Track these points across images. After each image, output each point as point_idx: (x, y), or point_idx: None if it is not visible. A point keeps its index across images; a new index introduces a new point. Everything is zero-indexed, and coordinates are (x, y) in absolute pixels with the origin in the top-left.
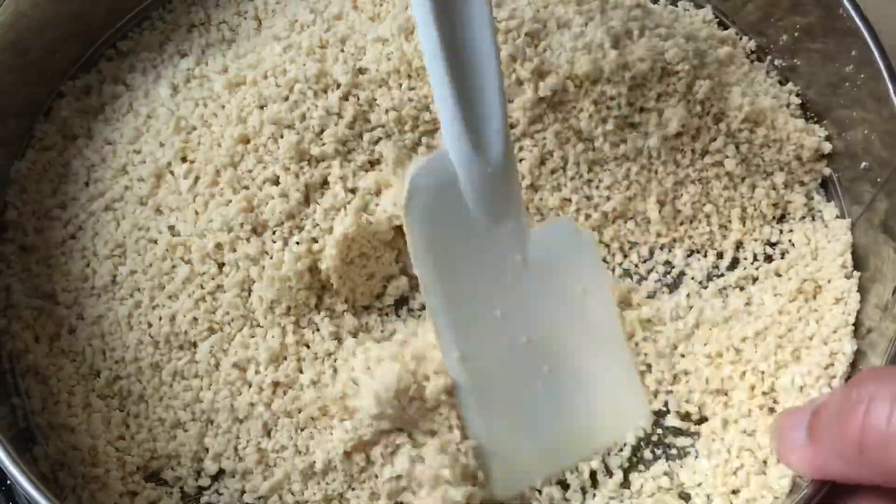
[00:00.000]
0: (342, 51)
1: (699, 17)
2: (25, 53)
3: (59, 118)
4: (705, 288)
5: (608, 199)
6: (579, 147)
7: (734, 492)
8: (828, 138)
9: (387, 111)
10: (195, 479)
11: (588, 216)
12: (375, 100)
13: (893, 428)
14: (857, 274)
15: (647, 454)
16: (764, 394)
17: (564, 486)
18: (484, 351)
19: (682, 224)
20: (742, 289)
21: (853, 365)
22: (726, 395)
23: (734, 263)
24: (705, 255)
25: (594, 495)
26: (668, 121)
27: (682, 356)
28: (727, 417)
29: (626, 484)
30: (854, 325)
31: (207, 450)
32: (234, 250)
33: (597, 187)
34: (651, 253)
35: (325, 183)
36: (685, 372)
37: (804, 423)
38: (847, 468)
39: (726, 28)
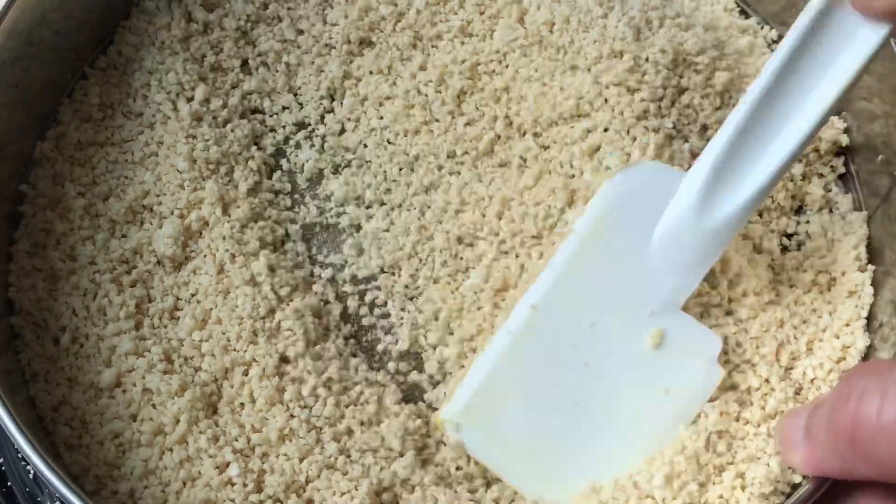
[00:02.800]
0: None
1: (720, 6)
2: (49, 33)
3: (82, 100)
4: None
5: None
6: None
7: (742, 487)
8: (846, 131)
9: None
10: None
11: None
12: None
13: (883, 421)
14: (871, 267)
15: None
16: (773, 388)
17: None
18: (553, 328)
19: None
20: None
21: (865, 359)
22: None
23: None
24: None
25: None
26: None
27: None
28: (739, 410)
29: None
30: (867, 318)
31: None
32: None
33: None
34: None
35: None
36: None
37: (803, 423)
38: (842, 464)
39: (748, 17)
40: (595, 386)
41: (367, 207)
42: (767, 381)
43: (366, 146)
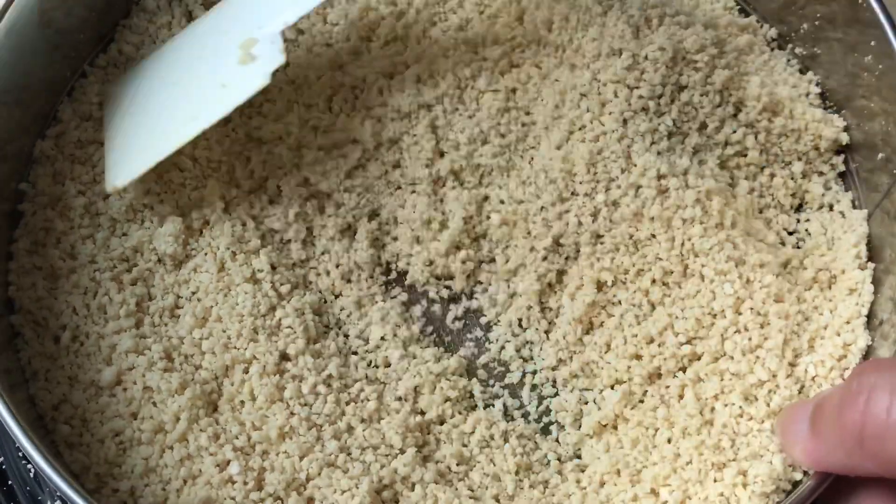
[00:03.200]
0: None
1: (720, 4)
2: (49, 32)
3: (81, 99)
4: None
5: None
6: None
7: (743, 485)
8: (846, 129)
9: None
10: None
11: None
12: None
13: (893, 419)
14: (871, 265)
15: None
16: (778, 385)
17: None
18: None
19: None
20: None
21: (866, 357)
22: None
23: None
24: None
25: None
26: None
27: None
28: (742, 407)
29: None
30: (867, 316)
31: None
32: None
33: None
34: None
35: None
36: (698, 358)
37: (807, 416)
38: (847, 459)
39: (748, 15)
40: (189, 75)
41: None
42: (774, 375)
43: None
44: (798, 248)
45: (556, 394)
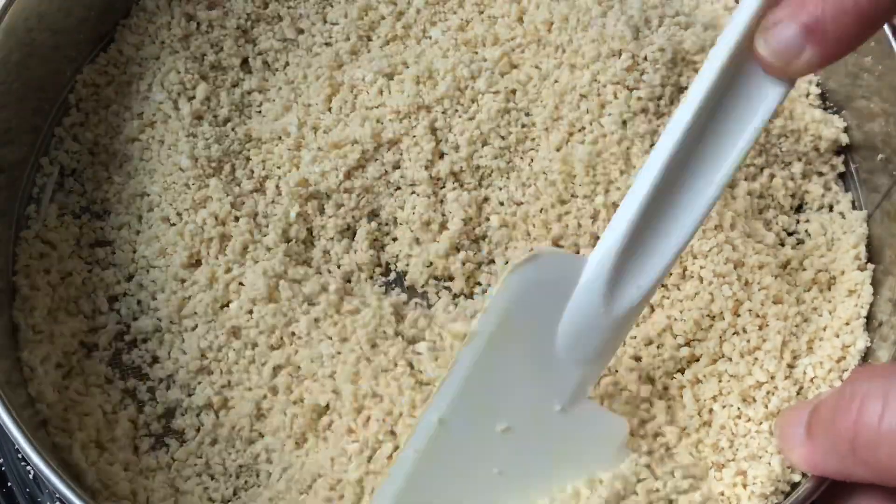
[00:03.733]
0: None
1: (720, 4)
2: (49, 32)
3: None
4: None
5: None
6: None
7: (744, 485)
8: (846, 129)
9: None
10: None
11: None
12: None
13: (885, 426)
14: (871, 266)
15: None
16: (776, 387)
17: None
18: (463, 440)
19: None
20: None
21: (865, 359)
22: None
23: None
24: None
25: None
26: None
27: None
28: (740, 409)
29: None
30: (866, 318)
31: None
32: None
33: (619, 188)
34: None
35: None
36: (697, 360)
37: (804, 420)
38: (841, 465)
39: None
40: (507, 492)
41: None
42: (773, 377)
43: None
44: (797, 248)
45: None
